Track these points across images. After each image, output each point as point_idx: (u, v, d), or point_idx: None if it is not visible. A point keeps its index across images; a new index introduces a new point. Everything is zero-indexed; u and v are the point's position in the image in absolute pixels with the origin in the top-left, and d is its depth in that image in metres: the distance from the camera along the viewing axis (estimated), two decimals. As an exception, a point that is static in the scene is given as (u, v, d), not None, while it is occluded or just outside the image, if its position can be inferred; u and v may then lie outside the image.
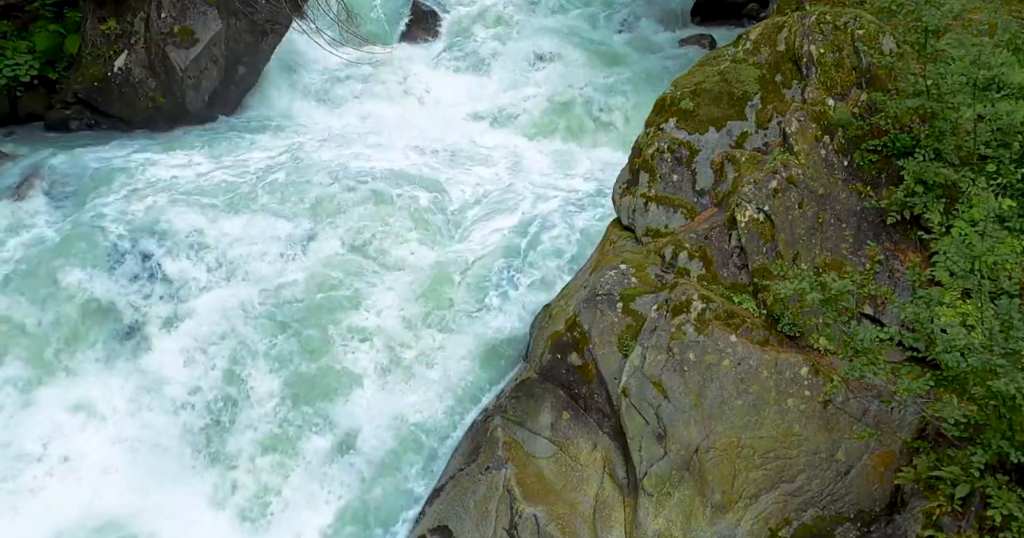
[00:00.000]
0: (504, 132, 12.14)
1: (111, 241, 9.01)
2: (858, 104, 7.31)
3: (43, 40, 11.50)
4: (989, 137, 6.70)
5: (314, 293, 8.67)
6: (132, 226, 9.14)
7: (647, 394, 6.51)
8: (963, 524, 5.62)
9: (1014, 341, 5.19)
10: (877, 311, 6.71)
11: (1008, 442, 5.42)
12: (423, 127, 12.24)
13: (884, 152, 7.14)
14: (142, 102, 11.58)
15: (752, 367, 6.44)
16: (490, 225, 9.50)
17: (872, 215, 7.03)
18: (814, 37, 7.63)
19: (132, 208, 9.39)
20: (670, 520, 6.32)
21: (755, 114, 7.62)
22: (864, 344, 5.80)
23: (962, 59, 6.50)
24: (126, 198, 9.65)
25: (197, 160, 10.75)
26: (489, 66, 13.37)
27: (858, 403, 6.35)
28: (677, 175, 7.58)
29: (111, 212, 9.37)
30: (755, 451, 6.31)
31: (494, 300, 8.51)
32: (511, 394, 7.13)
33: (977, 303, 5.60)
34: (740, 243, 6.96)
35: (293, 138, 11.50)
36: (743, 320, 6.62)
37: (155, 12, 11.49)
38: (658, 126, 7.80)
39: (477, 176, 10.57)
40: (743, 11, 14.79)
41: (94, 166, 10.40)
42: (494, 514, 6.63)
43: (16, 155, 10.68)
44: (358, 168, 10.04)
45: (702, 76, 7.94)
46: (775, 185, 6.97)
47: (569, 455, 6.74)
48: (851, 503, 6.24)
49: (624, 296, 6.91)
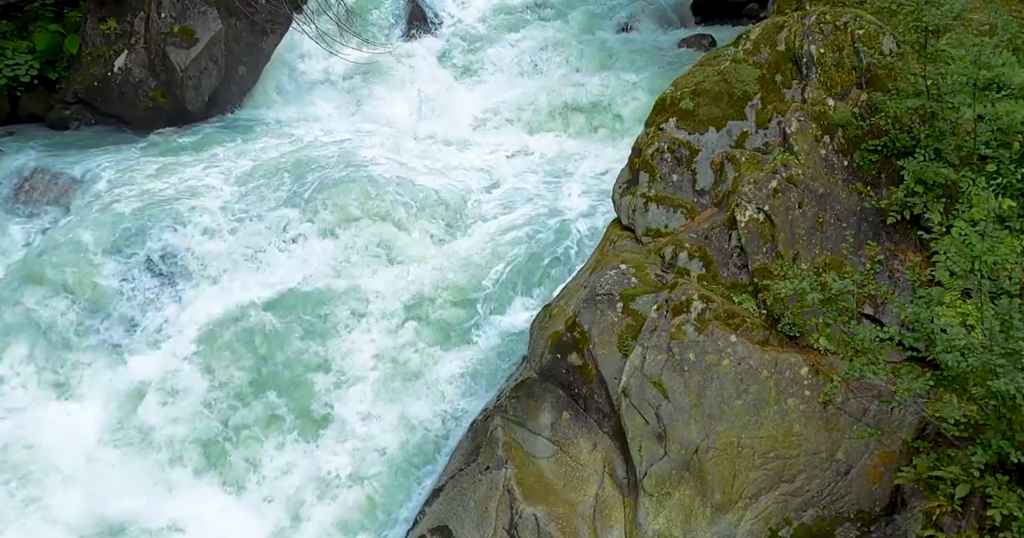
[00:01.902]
0: (504, 132, 12.14)
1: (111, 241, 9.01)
2: (858, 104, 7.31)
3: (43, 40, 11.49)
4: (989, 137, 6.70)
5: (314, 291, 8.69)
6: (132, 226, 9.14)
7: (647, 394, 6.51)
8: (963, 524, 5.61)
9: (1014, 341, 5.19)
10: (877, 311, 6.71)
11: (1008, 442, 5.42)
12: (423, 126, 12.26)
13: (884, 152, 7.13)
14: (142, 102, 11.59)
15: (752, 367, 6.44)
16: (490, 224, 9.51)
17: (872, 215, 7.03)
18: (814, 37, 7.63)
19: (132, 208, 9.40)
20: (670, 520, 6.32)
21: (755, 114, 7.61)
22: (864, 344, 5.80)
23: (962, 59, 6.50)
24: (126, 198, 9.66)
25: (197, 160, 10.77)
26: (489, 66, 13.38)
27: (858, 403, 6.35)
28: (677, 175, 7.58)
29: (110, 212, 9.37)
30: (755, 451, 6.31)
31: (494, 299, 8.52)
32: (511, 394, 7.13)
33: (977, 303, 5.60)
34: (740, 243, 6.96)
35: (293, 137, 11.52)
36: (743, 320, 6.62)
37: (155, 12, 11.50)
38: (658, 126, 7.80)
39: (477, 176, 10.59)
40: (743, 11, 14.78)
41: (94, 166, 10.42)
42: (494, 514, 6.62)
43: (16, 155, 10.68)
44: (357, 168, 10.05)
45: (702, 76, 7.94)
46: (775, 185, 6.97)
47: (569, 455, 6.74)
48: (851, 503, 6.24)
49: (624, 296, 6.91)
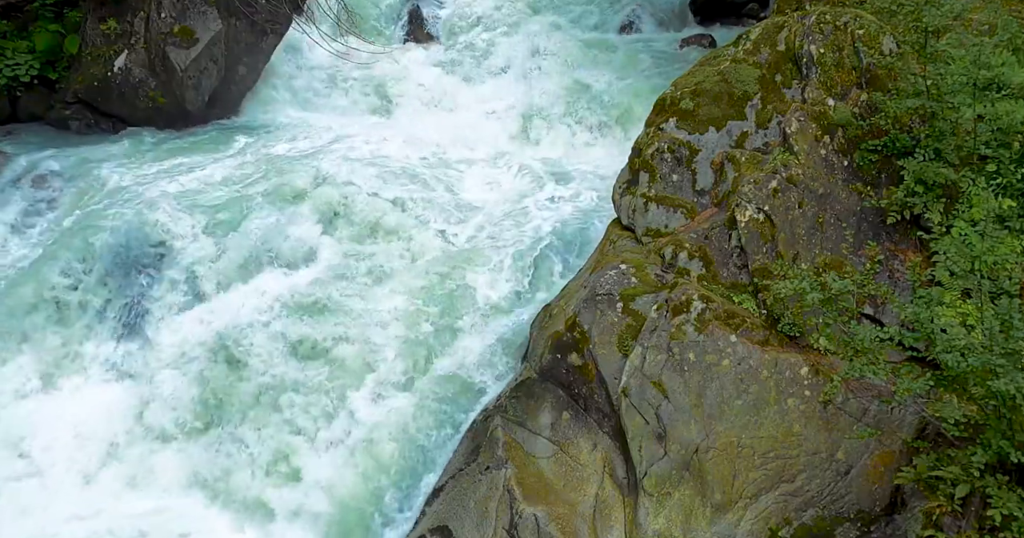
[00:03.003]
0: (504, 131, 12.13)
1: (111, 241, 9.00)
2: (858, 104, 7.31)
3: (43, 40, 11.48)
4: (989, 137, 6.70)
5: (314, 291, 8.67)
6: (131, 225, 9.14)
7: (647, 394, 6.51)
8: (963, 524, 5.61)
9: (1014, 341, 5.19)
10: (877, 311, 6.71)
11: (1008, 442, 5.42)
12: (423, 126, 12.25)
13: (884, 152, 7.14)
14: (142, 102, 11.58)
15: (752, 367, 6.44)
16: (489, 225, 9.50)
17: (872, 215, 7.03)
18: (814, 37, 7.63)
19: (132, 208, 9.39)
20: (670, 520, 6.32)
21: (755, 114, 7.62)
22: (864, 344, 5.80)
23: (962, 59, 6.51)
24: (126, 198, 9.65)
25: (197, 160, 10.76)
26: (489, 66, 13.36)
27: (858, 403, 6.35)
28: (677, 175, 7.58)
29: (110, 212, 9.36)
30: (755, 451, 6.31)
31: (494, 299, 8.51)
32: (511, 394, 7.13)
33: (977, 303, 5.60)
34: (740, 243, 6.96)
35: (293, 138, 11.51)
36: (743, 320, 6.62)
37: (155, 12, 11.49)
38: (658, 126, 7.80)
39: (476, 176, 10.58)
40: (743, 11, 14.75)
41: (94, 166, 10.41)
42: (494, 514, 6.62)
43: (16, 155, 10.68)
44: (357, 167, 10.05)
45: (702, 76, 7.94)
46: (775, 185, 6.97)
47: (569, 455, 6.74)
48: (851, 503, 6.24)
49: (624, 296, 6.91)
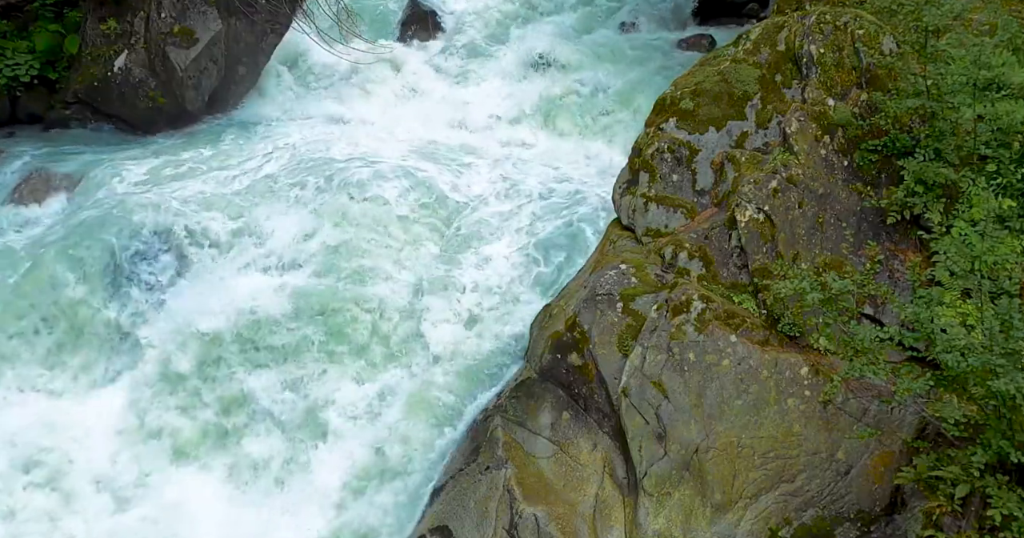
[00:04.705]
0: (504, 131, 12.13)
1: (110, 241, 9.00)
2: (858, 104, 7.31)
3: (43, 40, 11.47)
4: (989, 137, 6.70)
5: (315, 291, 8.67)
6: (131, 225, 9.13)
7: (647, 394, 6.51)
8: (963, 524, 5.61)
9: (1014, 341, 5.19)
10: (877, 311, 6.71)
11: (1008, 442, 5.42)
12: (423, 126, 12.24)
13: (884, 152, 7.13)
14: (142, 102, 11.58)
15: (752, 367, 6.44)
16: (489, 225, 9.49)
17: (872, 215, 7.03)
18: (814, 37, 7.63)
19: (132, 208, 9.38)
20: (670, 520, 6.32)
21: (755, 114, 7.61)
22: (864, 344, 5.80)
23: (962, 59, 6.51)
24: (126, 198, 9.64)
25: (197, 159, 10.76)
26: (489, 66, 13.36)
27: (858, 403, 6.35)
28: (677, 175, 7.58)
29: (110, 212, 9.36)
30: (755, 451, 6.31)
31: (493, 299, 8.51)
32: (511, 394, 7.13)
33: (977, 303, 5.60)
34: (740, 243, 6.96)
35: (293, 137, 11.50)
36: (743, 320, 6.62)
37: (155, 12, 11.49)
38: (658, 126, 7.80)
39: (476, 176, 10.57)
40: (743, 11, 14.74)
41: (93, 166, 10.40)
42: (494, 514, 6.62)
43: (16, 155, 10.68)
44: (357, 167, 10.04)
45: (702, 76, 7.94)
46: (775, 185, 6.97)
47: (569, 455, 6.74)
48: (851, 503, 6.24)
49: (624, 296, 6.91)
